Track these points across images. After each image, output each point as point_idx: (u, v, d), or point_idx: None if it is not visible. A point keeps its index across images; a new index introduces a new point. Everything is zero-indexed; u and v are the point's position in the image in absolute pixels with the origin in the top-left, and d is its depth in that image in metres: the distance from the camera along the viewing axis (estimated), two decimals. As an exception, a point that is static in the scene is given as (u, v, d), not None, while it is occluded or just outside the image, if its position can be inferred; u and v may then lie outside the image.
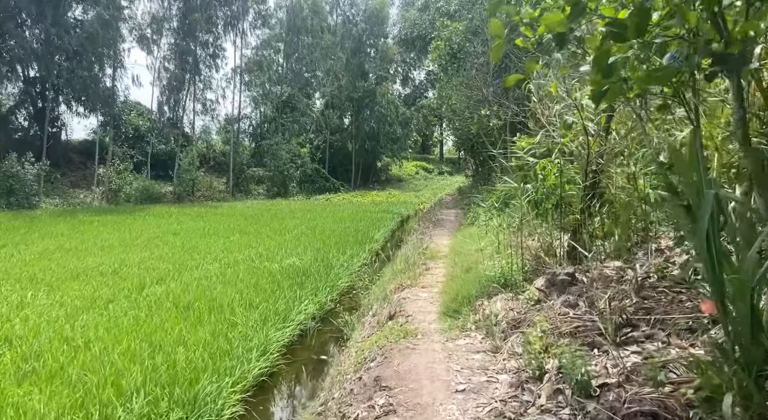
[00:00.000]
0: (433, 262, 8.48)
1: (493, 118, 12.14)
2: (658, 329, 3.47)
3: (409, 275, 7.28)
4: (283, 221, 18.46)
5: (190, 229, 16.28)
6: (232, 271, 9.55)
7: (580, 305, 4.08)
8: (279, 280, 8.77)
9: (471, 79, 13.53)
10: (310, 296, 8.25)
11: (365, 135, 39.08)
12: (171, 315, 6.77)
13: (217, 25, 31.44)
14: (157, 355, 5.28)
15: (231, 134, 34.18)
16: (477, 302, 5.19)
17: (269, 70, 35.08)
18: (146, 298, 7.69)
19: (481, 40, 12.89)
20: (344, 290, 9.45)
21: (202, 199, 29.58)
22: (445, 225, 14.69)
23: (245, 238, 14.14)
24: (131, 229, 15.95)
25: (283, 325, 6.88)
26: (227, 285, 8.43)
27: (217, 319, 6.65)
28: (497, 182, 14.56)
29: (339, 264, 10.82)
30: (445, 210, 20.52)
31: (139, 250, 12.11)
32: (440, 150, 60.20)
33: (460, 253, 7.77)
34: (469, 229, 11.07)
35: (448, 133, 32.17)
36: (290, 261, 10.48)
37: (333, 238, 14.32)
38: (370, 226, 17.50)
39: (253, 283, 8.50)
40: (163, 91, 31.06)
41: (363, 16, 39.28)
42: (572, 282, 4.78)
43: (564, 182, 5.88)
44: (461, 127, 17.55)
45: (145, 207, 24.81)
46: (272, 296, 7.86)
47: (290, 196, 32.40)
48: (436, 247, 10.42)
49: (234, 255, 11.37)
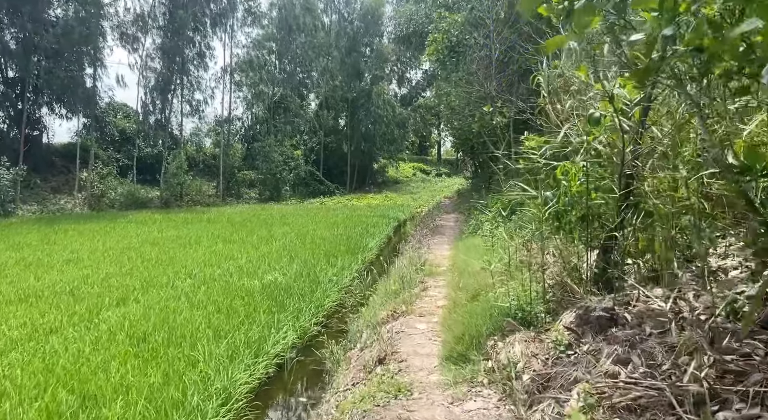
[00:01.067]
0: (431, 280, 7.40)
1: (497, 115, 11.10)
2: (762, 408, 2.40)
3: (404, 298, 6.20)
4: (271, 228, 17.36)
5: (172, 237, 15.18)
6: (204, 289, 8.46)
7: (634, 361, 3.00)
8: (257, 302, 7.68)
9: (471, 73, 12.45)
10: (290, 321, 7.16)
11: (361, 136, 37.95)
12: (121, 349, 5.69)
13: (205, 22, 30.20)
14: (87, 412, 4.19)
15: (221, 136, 33.05)
16: (488, 342, 4.12)
17: (261, 69, 33.97)
18: (98, 327, 6.60)
19: (483, 33, 11.86)
20: (332, 311, 8.36)
21: (191, 203, 28.42)
22: (445, 232, 13.61)
23: (228, 248, 13.05)
24: (107, 239, 14.84)
25: (255, 360, 5.79)
26: (196, 308, 7.35)
27: (176, 355, 5.57)
28: (501, 186, 13.52)
29: (327, 278, 9.74)
30: (443, 215, 19.44)
31: (108, 263, 11.01)
32: (438, 151, 59.12)
33: (463, 271, 6.69)
34: (471, 239, 10.00)
35: (447, 134, 31.13)
36: (272, 276, 9.39)
37: (323, 246, 13.24)
38: (365, 232, 16.42)
39: (226, 306, 7.41)
40: (149, 91, 29.85)
41: (358, 14, 38.20)
42: (612, 320, 3.71)
43: (591, 189, 4.81)
44: (461, 126, 16.48)
45: (130, 213, 23.68)
46: (246, 322, 6.78)
47: (283, 199, 31.27)
48: (435, 259, 9.35)
49: (211, 269, 10.29)
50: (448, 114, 16.84)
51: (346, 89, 37.14)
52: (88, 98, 26.05)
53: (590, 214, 4.89)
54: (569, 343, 3.65)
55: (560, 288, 4.57)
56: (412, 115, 42.72)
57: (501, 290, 4.86)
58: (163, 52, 29.16)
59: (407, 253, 10.57)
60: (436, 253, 9.96)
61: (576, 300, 4.33)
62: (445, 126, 26.93)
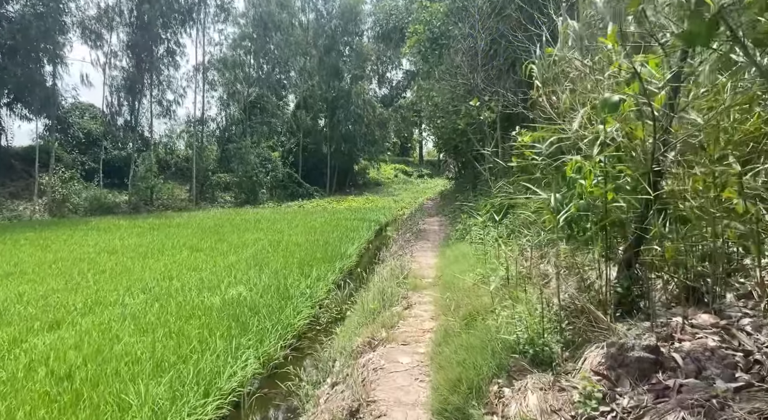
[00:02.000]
0: (416, 295, 6.45)
1: (485, 110, 10.25)
2: None
3: (384, 320, 5.24)
4: (244, 234, 16.24)
5: (133, 245, 13.96)
6: (157, 308, 7.37)
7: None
8: (214, 323, 6.63)
9: (456, 66, 11.55)
10: (253, 345, 6.14)
11: (341, 137, 36.84)
12: (35, 394, 4.60)
13: (173, 18, 28.62)
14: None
15: (194, 137, 31.65)
16: (491, 387, 3.19)
17: (236, 68, 32.67)
18: (16, 360, 5.49)
19: (468, 22, 10.98)
20: (303, 330, 7.36)
21: (162, 208, 27.01)
22: (429, 237, 12.69)
23: (193, 257, 11.93)
24: (62, 248, 13.55)
25: (203, 400, 4.76)
26: (142, 332, 6.28)
27: (103, 398, 4.51)
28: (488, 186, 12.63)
29: (300, 291, 8.73)
30: (427, 218, 18.53)
31: (54, 277, 9.82)
32: (420, 152, 58.33)
33: (453, 285, 5.76)
34: (459, 245, 9.09)
35: (429, 133, 30.25)
36: (237, 291, 8.35)
37: (298, 254, 12.21)
38: (344, 237, 15.43)
39: (177, 330, 6.35)
40: (115, 90, 28.29)
41: (336, 12, 37.13)
42: (657, 362, 2.82)
43: (610, 190, 3.92)
44: (444, 124, 15.57)
45: (94, 219, 22.22)
46: (199, 349, 5.74)
47: (260, 203, 30.03)
48: (419, 268, 8.41)
49: (170, 282, 9.19)
50: (432, 109, 15.89)
51: (325, 89, 36.06)
52: (47, 98, 24.39)
53: (610, 219, 4.00)
54: (603, 394, 2.74)
55: (578, 312, 3.67)
56: (393, 115, 41.80)
57: (503, 315, 3.93)
58: (131, 50, 27.67)
59: (388, 261, 9.61)
60: (420, 262, 9.02)
61: (600, 329, 3.43)
62: (427, 125, 26.03)
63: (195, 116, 32.51)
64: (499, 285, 4.72)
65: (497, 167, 9.91)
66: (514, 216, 8.43)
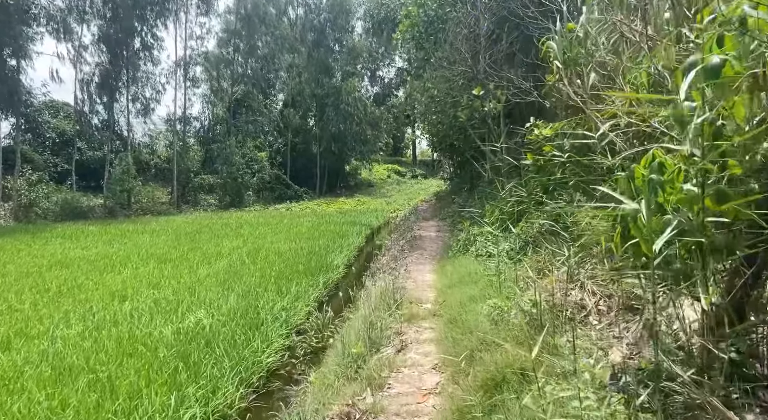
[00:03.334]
0: (412, 329, 5.07)
1: (489, 100, 8.90)
2: None
3: (369, 374, 3.85)
4: (222, 241, 14.80)
5: (95, 256, 12.47)
6: (90, 344, 5.94)
7: None
8: (158, 364, 5.21)
9: (455, 51, 10.16)
10: (202, 397, 4.73)
11: (331, 136, 35.31)
12: None
13: (148, 8, 26.79)
14: None
15: (175, 137, 30.06)
16: None
17: (220, 63, 31.10)
18: None
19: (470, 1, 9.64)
20: (272, 369, 5.95)
21: (140, 212, 25.44)
22: (425, 246, 11.30)
23: (158, 271, 10.48)
24: (11, 260, 12.08)
25: None
26: (56, 381, 4.85)
27: None
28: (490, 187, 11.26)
29: (273, 315, 7.33)
30: (422, 222, 17.15)
31: (-16, 297, 8.33)
32: (413, 152, 56.89)
33: (461, 321, 4.38)
34: (461, 260, 7.71)
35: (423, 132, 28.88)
36: (196, 316, 6.92)
37: (278, 265, 10.82)
38: (331, 244, 14.04)
39: (106, 376, 4.92)
40: (87, 87, 26.58)
41: (326, 5, 35.65)
42: None
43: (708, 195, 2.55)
44: (440, 119, 14.18)
45: (63, 225, 20.63)
46: (126, 408, 4.32)
47: (246, 206, 28.52)
48: (416, 289, 7.03)
49: (120, 305, 7.77)
50: (427, 102, 14.52)
51: (314, 86, 34.58)
52: (11, 95, 22.62)
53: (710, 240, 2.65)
54: None
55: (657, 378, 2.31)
56: (386, 114, 40.34)
57: (548, 389, 2.56)
58: (105, 43, 26.00)
59: (379, 277, 8.22)
60: (416, 279, 7.64)
61: None
62: (421, 122, 24.63)
63: (176, 115, 30.90)
64: (527, 326, 3.37)
65: (504, 166, 8.55)
66: (528, 224, 7.08)
